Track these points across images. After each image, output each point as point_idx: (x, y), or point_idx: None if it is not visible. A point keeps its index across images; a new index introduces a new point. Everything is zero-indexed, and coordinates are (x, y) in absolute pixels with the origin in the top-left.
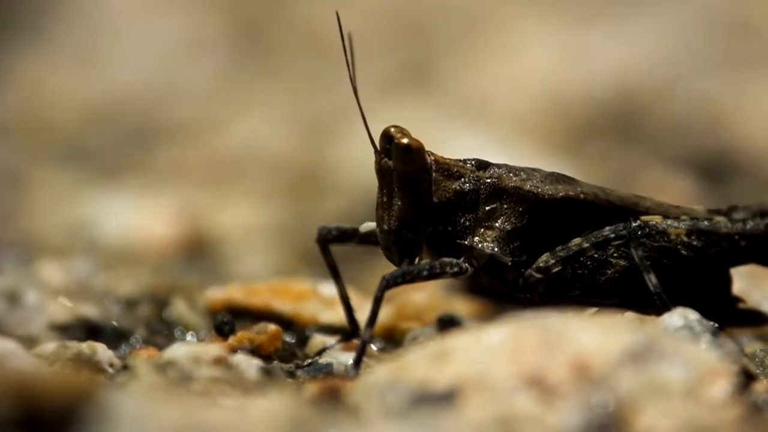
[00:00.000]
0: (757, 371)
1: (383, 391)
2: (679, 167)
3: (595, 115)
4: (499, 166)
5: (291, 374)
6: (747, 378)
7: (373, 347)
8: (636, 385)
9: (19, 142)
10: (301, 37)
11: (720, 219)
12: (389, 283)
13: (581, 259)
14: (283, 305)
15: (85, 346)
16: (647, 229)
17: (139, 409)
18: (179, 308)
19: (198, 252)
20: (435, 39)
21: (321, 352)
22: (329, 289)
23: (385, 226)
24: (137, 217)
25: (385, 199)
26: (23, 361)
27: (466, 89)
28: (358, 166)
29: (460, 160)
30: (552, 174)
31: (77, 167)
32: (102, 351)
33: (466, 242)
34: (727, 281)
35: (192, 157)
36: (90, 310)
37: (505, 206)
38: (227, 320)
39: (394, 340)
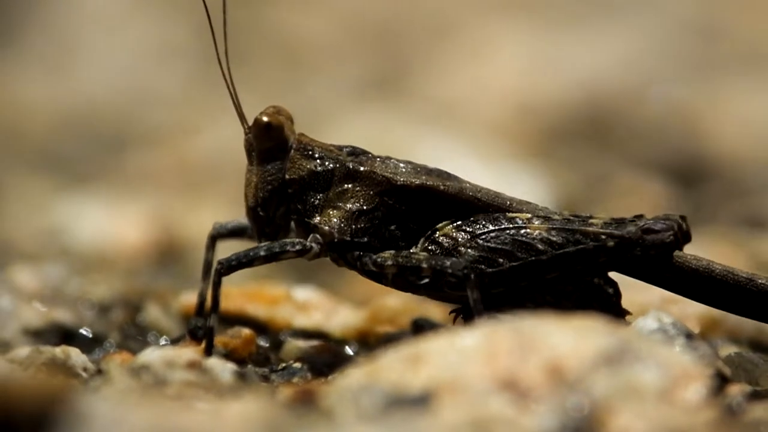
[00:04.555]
0: (732, 374)
1: (357, 394)
2: (651, 171)
3: (568, 119)
4: (375, 156)
5: (265, 378)
6: (721, 381)
7: (349, 350)
8: (610, 387)
9: None
10: (272, 44)
11: (595, 219)
12: (223, 267)
13: None
14: (256, 309)
15: (59, 351)
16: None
17: (113, 411)
18: (153, 313)
19: (170, 257)
20: (408, 45)
21: (295, 356)
22: (303, 293)
23: (246, 204)
24: (110, 223)
25: (248, 176)
26: None
27: (438, 94)
28: None
29: (332, 145)
30: (426, 167)
31: (50, 174)
32: (76, 355)
33: (312, 221)
34: (608, 292)
35: (164, 163)
36: (64, 315)
37: (357, 189)
38: (201, 324)
39: (368, 344)
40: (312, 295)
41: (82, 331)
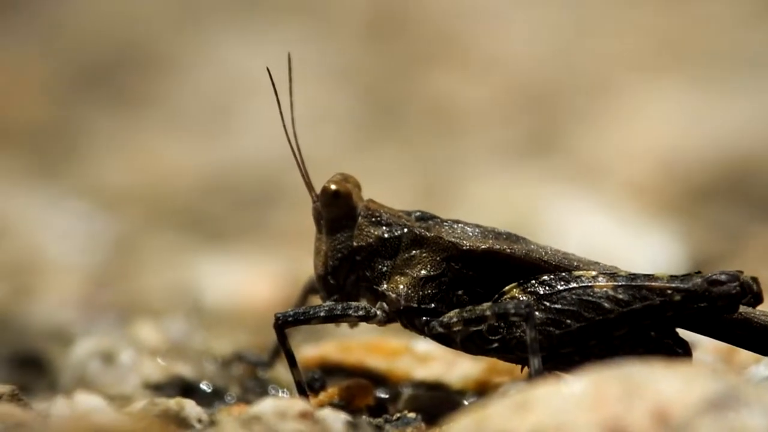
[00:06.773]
0: None
1: None
2: None
3: (710, 177)
4: (443, 221)
5: (379, 428)
6: None
7: (465, 401)
8: None
9: (137, 210)
10: (428, 109)
11: (660, 274)
12: (278, 321)
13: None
14: (376, 362)
15: (173, 403)
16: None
17: None
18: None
19: None
20: (556, 107)
21: (411, 406)
22: (423, 345)
23: (316, 272)
24: (243, 280)
25: (317, 245)
26: (106, 416)
27: (584, 154)
28: None
29: (401, 211)
30: (495, 231)
31: (190, 233)
32: (190, 407)
33: (380, 288)
34: (678, 351)
35: (305, 224)
36: (184, 369)
37: (424, 255)
38: (318, 377)
39: (486, 394)
40: (432, 347)
41: (203, 385)
